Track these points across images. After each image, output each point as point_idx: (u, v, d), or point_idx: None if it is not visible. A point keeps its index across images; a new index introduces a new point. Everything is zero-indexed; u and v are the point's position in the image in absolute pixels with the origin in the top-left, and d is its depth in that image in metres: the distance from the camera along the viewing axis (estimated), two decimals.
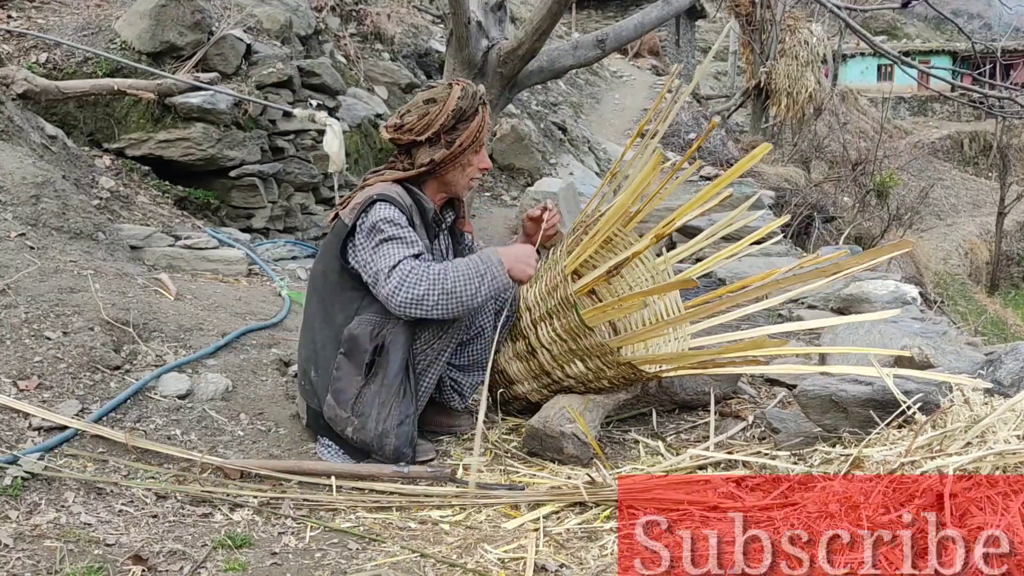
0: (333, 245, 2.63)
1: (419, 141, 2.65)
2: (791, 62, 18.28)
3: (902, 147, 22.99)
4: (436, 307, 2.48)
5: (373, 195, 2.59)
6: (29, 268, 3.17)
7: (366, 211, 2.56)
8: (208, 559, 1.98)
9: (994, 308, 19.13)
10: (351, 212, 2.60)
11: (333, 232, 2.66)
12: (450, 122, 2.63)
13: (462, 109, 2.64)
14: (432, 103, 2.65)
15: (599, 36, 5.26)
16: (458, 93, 2.65)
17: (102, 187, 4.86)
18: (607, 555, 2.03)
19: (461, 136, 2.65)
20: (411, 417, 2.58)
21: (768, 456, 2.49)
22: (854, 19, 6.84)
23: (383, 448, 2.53)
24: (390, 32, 10.16)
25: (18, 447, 2.31)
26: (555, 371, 2.82)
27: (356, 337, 2.56)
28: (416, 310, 2.48)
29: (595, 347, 2.71)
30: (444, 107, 2.63)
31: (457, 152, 2.66)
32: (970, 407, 2.14)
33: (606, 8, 24.44)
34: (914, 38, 37.25)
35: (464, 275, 2.51)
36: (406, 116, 2.67)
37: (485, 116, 2.72)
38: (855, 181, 16.22)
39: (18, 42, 5.69)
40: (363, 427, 2.53)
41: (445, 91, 2.68)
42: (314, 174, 6.46)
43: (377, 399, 2.53)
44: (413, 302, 2.46)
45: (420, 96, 2.72)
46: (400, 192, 2.64)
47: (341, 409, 2.55)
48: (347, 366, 2.56)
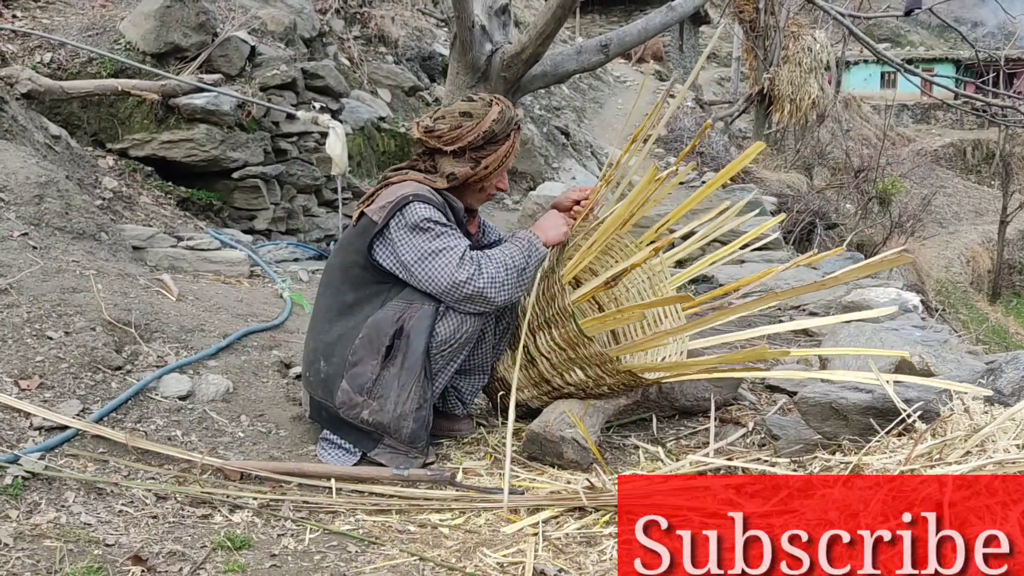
0: (357, 241, 2.62)
1: (444, 151, 2.64)
2: (794, 68, 18.29)
3: (905, 154, 23.00)
4: (505, 287, 2.56)
5: (408, 195, 2.57)
6: (32, 268, 3.18)
7: (401, 210, 2.55)
8: (207, 560, 1.98)
9: (996, 317, 19.14)
10: (380, 210, 2.58)
11: (358, 229, 2.64)
12: (479, 141, 2.62)
13: (494, 132, 2.63)
14: (468, 117, 2.63)
15: (603, 41, 5.26)
16: (495, 115, 2.63)
17: (105, 187, 4.87)
18: (606, 560, 2.03)
19: (488, 158, 2.65)
20: (429, 402, 2.60)
21: (768, 463, 2.49)
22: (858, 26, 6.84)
23: (400, 431, 2.53)
24: (394, 35, 10.18)
25: (19, 446, 2.31)
26: (554, 379, 2.82)
27: (379, 323, 2.56)
28: (492, 291, 2.54)
29: (594, 356, 2.71)
30: (478, 125, 2.61)
31: (481, 174, 2.66)
32: (970, 416, 2.14)
33: (610, 13, 24.48)
34: (917, 46, 37.24)
35: (512, 255, 2.59)
36: (439, 122, 2.65)
37: (515, 142, 2.70)
38: (857, 188, 16.23)
39: (23, 42, 5.70)
40: (381, 409, 2.53)
41: (484, 108, 2.65)
42: (317, 176, 6.47)
43: (397, 381, 2.54)
44: (491, 283, 2.53)
45: (458, 105, 2.69)
46: (431, 191, 2.62)
47: (356, 393, 2.54)
48: (364, 351, 2.55)
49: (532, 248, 2.66)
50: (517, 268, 2.60)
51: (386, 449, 2.57)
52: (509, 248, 2.64)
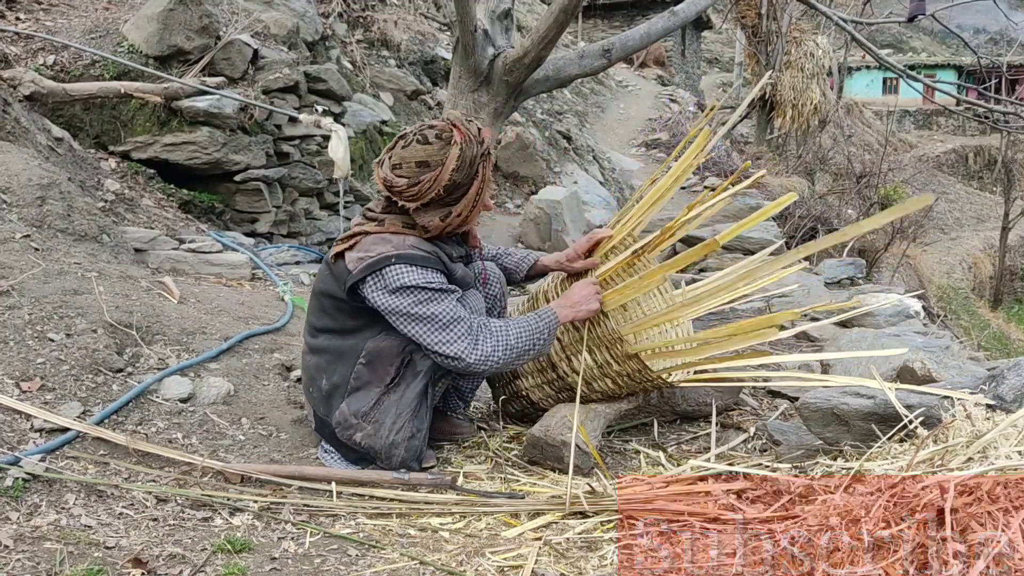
0: (337, 282, 2.51)
1: (409, 209, 2.46)
2: (796, 74, 18.34)
3: (907, 160, 23.04)
4: (496, 364, 2.48)
5: (389, 256, 2.42)
6: (33, 269, 3.18)
7: (380, 271, 2.42)
8: (207, 563, 1.98)
9: (997, 323, 19.14)
10: (359, 261, 2.44)
11: (336, 270, 2.51)
12: (442, 195, 2.43)
13: (456, 182, 2.43)
14: (425, 168, 2.40)
15: (605, 46, 5.28)
16: (453, 163, 2.40)
17: (107, 189, 4.87)
18: (607, 565, 2.03)
19: (457, 205, 2.47)
20: (422, 432, 2.58)
21: (769, 468, 2.48)
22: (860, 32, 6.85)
23: (391, 458, 2.53)
24: (397, 39, 10.20)
25: (20, 448, 2.31)
26: (561, 364, 2.82)
27: (381, 350, 2.51)
28: (482, 367, 2.47)
29: (605, 335, 2.71)
30: (437, 179, 2.40)
31: (455, 222, 2.49)
32: (972, 422, 2.14)
33: (612, 18, 24.53)
34: (920, 52, 37.29)
35: (519, 336, 2.51)
36: (397, 173, 2.44)
37: (486, 173, 2.50)
38: (859, 193, 16.24)
39: (26, 44, 5.72)
40: (375, 433, 2.52)
41: (441, 151, 2.41)
42: (319, 179, 6.48)
43: (395, 409, 2.53)
44: (483, 360, 2.46)
45: (414, 152, 2.42)
46: (415, 243, 2.46)
47: (352, 416, 2.53)
48: (368, 375, 2.53)
49: (548, 331, 2.57)
50: (518, 350, 2.51)
51: (375, 470, 2.56)
52: (520, 326, 2.53)
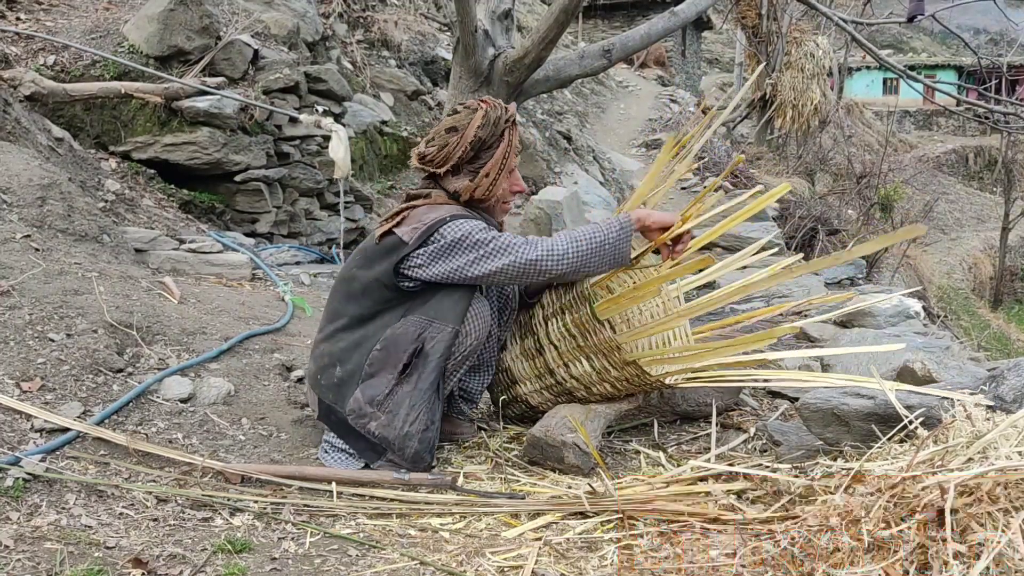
0: (383, 260, 2.57)
1: (440, 173, 2.61)
2: (797, 74, 18.33)
3: (907, 161, 23.03)
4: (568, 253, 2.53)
5: (445, 217, 2.54)
6: (34, 270, 3.18)
7: (439, 230, 2.52)
8: (208, 563, 1.98)
9: (997, 323, 19.15)
10: (413, 232, 2.54)
11: (384, 247, 2.58)
12: (469, 154, 2.58)
13: (481, 139, 2.58)
14: (453, 132, 2.58)
15: (605, 46, 5.28)
16: (478, 121, 2.57)
17: (108, 190, 4.87)
18: (607, 565, 2.03)
19: (485, 166, 2.60)
20: (436, 425, 2.58)
21: (769, 469, 2.48)
22: (860, 32, 6.85)
23: (404, 449, 2.52)
24: (397, 39, 10.21)
25: (20, 448, 2.31)
26: (559, 370, 2.81)
27: (398, 336, 2.54)
28: (554, 261, 2.52)
29: (603, 343, 2.70)
30: (463, 137, 2.56)
31: (484, 184, 2.61)
32: (972, 422, 2.14)
33: (613, 18, 24.54)
34: (920, 52, 37.31)
35: (591, 229, 2.57)
36: (429, 145, 2.61)
37: (512, 140, 2.64)
38: (859, 194, 16.23)
39: (26, 44, 5.72)
40: (389, 424, 2.52)
41: (468, 116, 2.59)
42: (319, 180, 6.48)
43: (408, 399, 2.53)
44: (549, 252, 2.52)
45: (445, 121, 2.63)
46: (464, 211, 2.60)
47: (367, 404, 2.53)
48: (382, 363, 2.54)
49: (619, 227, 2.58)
50: (587, 243, 2.55)
51: (388, 464, 2.56)
52: (586, 226, 2.60)
